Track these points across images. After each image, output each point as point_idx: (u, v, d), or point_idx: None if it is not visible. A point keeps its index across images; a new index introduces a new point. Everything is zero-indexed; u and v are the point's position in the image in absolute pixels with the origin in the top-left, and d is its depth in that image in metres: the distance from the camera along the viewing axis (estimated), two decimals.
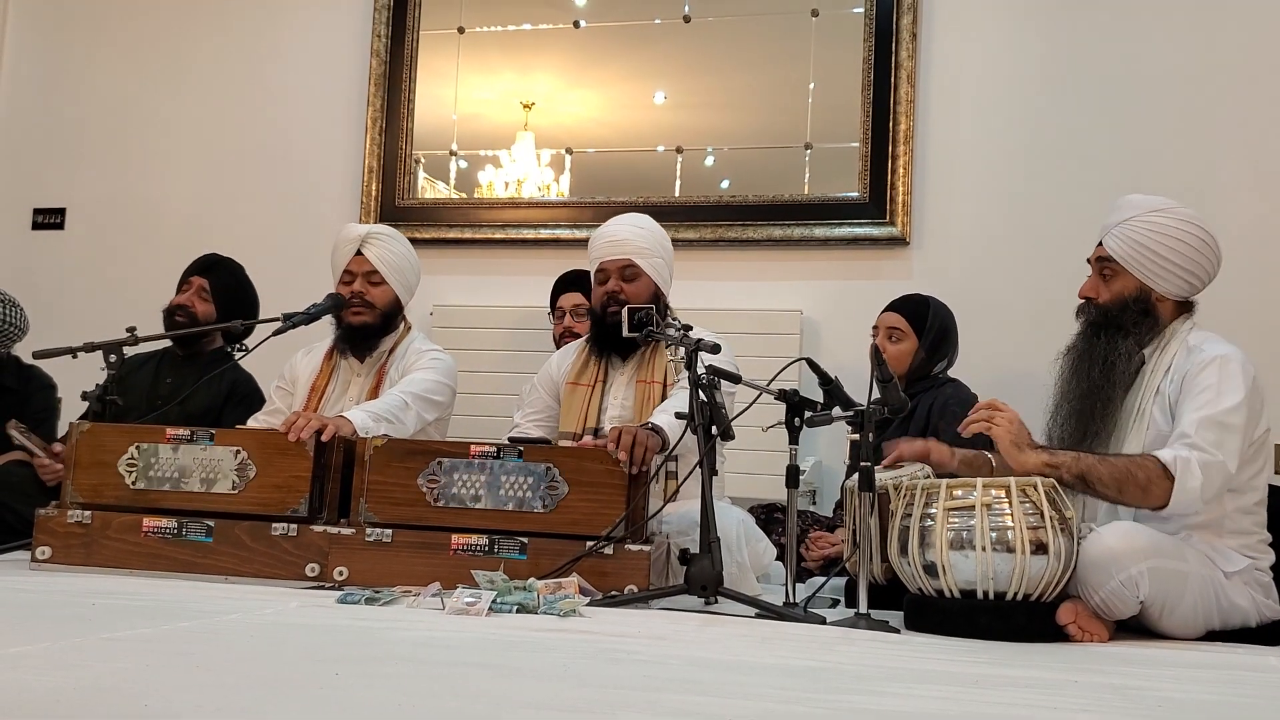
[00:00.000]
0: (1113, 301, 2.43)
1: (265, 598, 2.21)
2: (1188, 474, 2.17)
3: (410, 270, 3.15)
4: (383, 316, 3.09)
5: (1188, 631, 2.21)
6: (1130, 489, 2.21)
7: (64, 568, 2.53)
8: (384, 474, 2.52)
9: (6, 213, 4.61)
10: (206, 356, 3.49)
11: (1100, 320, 2.44)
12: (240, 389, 3.41)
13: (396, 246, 3.13)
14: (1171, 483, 2.18)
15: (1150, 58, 3.70)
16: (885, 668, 1.72)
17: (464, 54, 4.26)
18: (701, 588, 2.24)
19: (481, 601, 2.07)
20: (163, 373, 3.47)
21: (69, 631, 1.68)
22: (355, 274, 3.08)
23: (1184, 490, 2.17)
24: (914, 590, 2.23)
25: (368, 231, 3.12)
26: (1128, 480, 2.20)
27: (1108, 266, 2.45)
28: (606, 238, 3.01)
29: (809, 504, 3.61)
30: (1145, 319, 2.41)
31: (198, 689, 1.31)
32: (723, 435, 2.36)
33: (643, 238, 2.99)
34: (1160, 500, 2.19)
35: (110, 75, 4.59)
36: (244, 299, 3.52)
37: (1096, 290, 2.47)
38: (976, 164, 3.81)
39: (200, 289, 3.46)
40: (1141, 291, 2.41)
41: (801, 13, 3.96)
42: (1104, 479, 2.21)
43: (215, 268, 3.52)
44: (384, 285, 3.08)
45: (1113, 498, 2.25)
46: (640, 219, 3.06)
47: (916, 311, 3.18)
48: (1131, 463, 2.23)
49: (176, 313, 3.42)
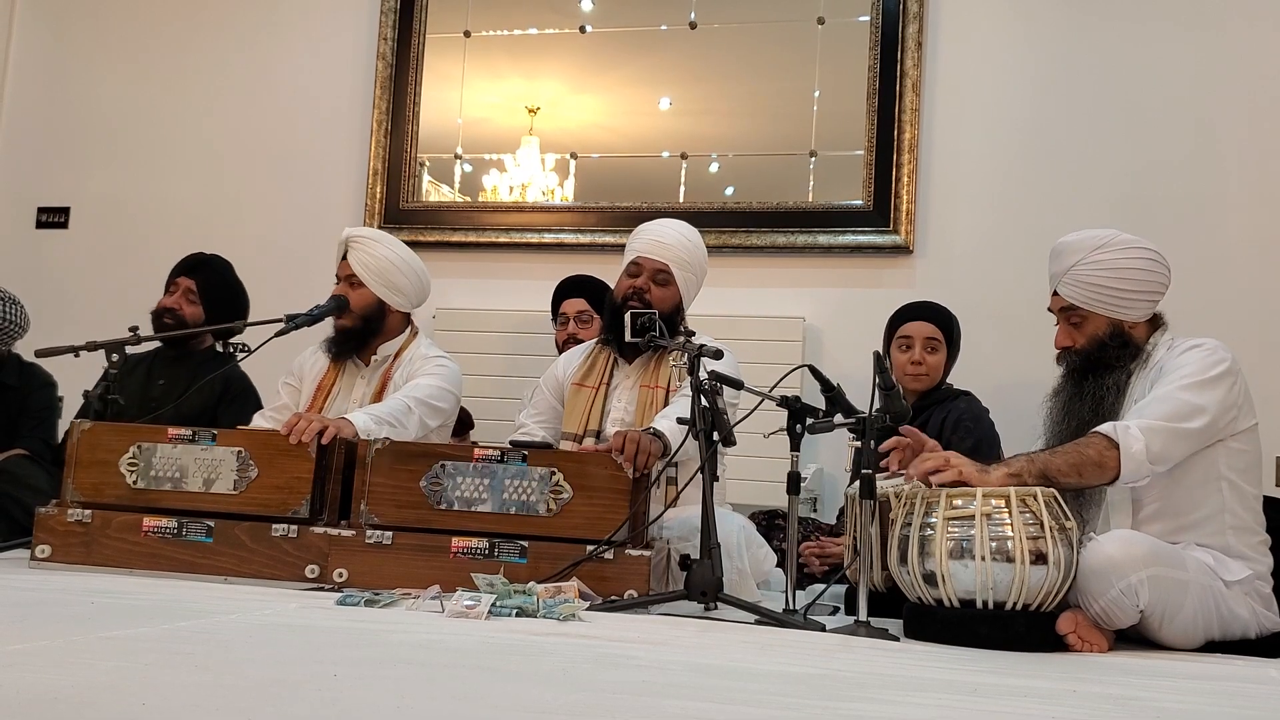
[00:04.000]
0: (1090, 345, 2.46)
1: (265, 598, 2.21)
2: (1129, 439, 2.23)
3: (397, 273, 3.07)
4: (362, 320, 3.06)
5: (1187, 642, 2.21)
6: (1088, 469, 2.24)
7: (63, 566, 2.54)
8: (385, 476, 2.53)
9: (11, 211, 4.62)
10: (198, 356, 3.47)
11: (1084, 365, 2.47)
12: (234, 387, 3.40)
13: (377, 249, 3.08)
14: (1118, 451, 2.22)
15: (1154, 68, 3.70)
16: (884, 676, 1.72)
17: (470, 58, 4.27)
18: (701, 593, 2.24)
19: (481, 605, 2.07)
20: (155, 374, 3.45)
21: (68, 630, 1.68)
22: (340, 278, 3.10)
23: (1129, 455, 2.22)
24: (913, 599, 2.23)
25: (350, 235, 3.11)
26: (1083, 462, 2.24)
27: (1074, 314, 2.48)
28: (653, 236, 3.00)
29: (810, 511, 3.60)
30: (1126, 349, 2.45)
31: (196, 689, 1.31)
32: (724, 441, 2.36)
33: (687, 250, 3.01)
34: (1114, 470, 2.24)
35: (115, 75, 4.61)
36: (231, 298, 3.50)
37: (1071, 338, 2.50)
38: (980, 173, 3.81)
39: (187, 290, 3.44)
40: (1113, 326, 2.45)
41: (807, 21, 3.97)
42: (1062, 469, 2.24)
43: (201, 267, 3.49)
44: (362, 288, 3.06)
45: (1076, 484, 2.27)
46: (689, 230, 3.06)
47: (947, 322, 3.17)
48: (1079, 444, 2.27)
49: (164, 315, 3.41)
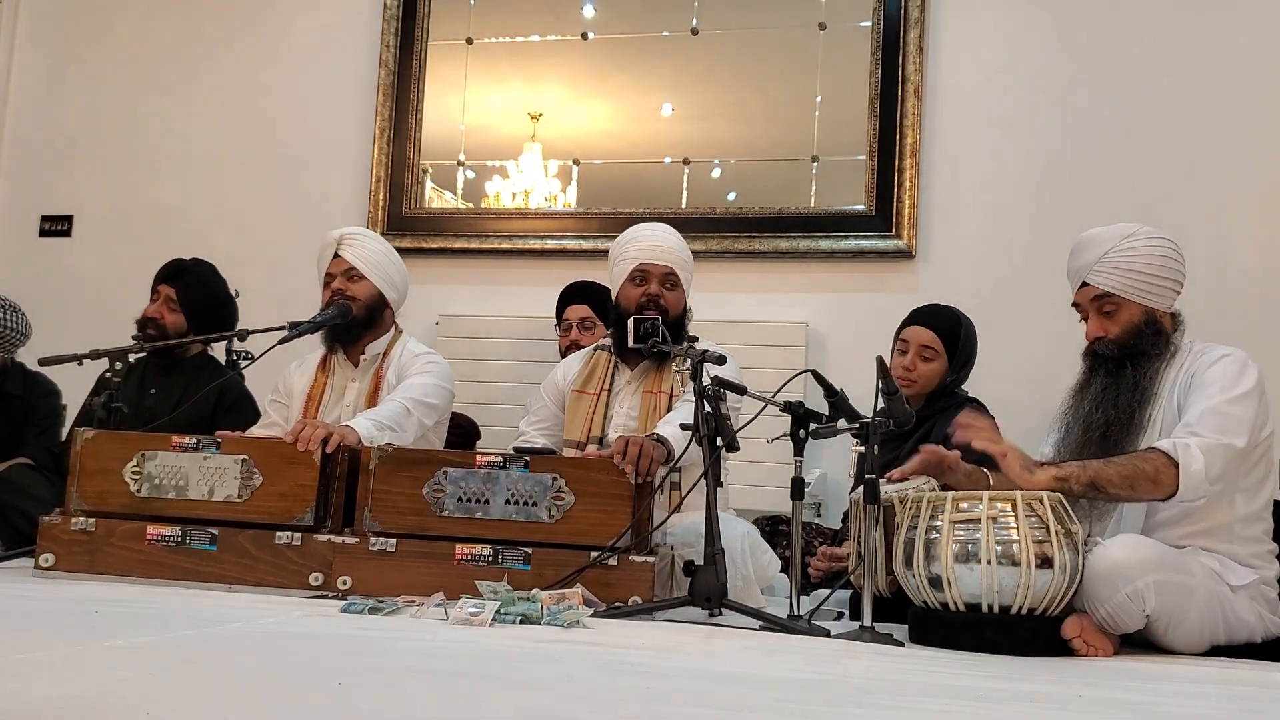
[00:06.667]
0: (1126, 333, 2.44)
1: (269, 606, 2.21)
2: (1189, 457, 2.20)
3: (391, 267, 3.13)
4: (366, 310, 3.08)
5: (1193, 646, 2.20)
6: (1141, 483, 2.22)
7: (67, 575, 2.53)
8: (389, 483, 2.53)
9: (14, 220, 4.63)
10: (188, 365, 3.45)
11: (1120, 354, 2.44)
12: (229, 394, 3.37)
13: (372, 244, 3.15)
14: (1177, 469, 2.20)
15: (1158, 72, 3.70)
16: (889, 681, 1.71)
17: (472, 64, 4.28)
18: (706, 599, 2.24)
19: (485, 612, 2.07)
20: (147, 384, 3.43)
21: (72, 639, 1.68)
22: (335, 274, 3.11)
23: (1188, 473, 2.20)
24: (919, 603, 2.22)
25: (341, 234, 3.13)
26: (1137, 476, 2.22)
27: (1108, 302, 2.45)
28: (652, 241, 3.01)
29: (814, 516, 3.60)
30: (1159, 337, 2.44)
31: (200, 697, 1.31)
32: (728, 447, 2.36)
33: (684, 251, 3.05)
34: (1170, 487, 2.21)
35: (118, 84, 4.62)
36: (211, 303, 3.46)
37: (1104, 329, 2.47)
38: (983, 177, 3.81)
39: (168, 299, 3.41)
40: (1147, 314, 2.44)
41: (809, 26, 3.97)
42: (1114, 480, 2.22)
43: (180, 274, 3.46)
44: (364, 280, 3.08)
45: (1126, 496, 2.26)
46: (675, 231, 3.09)
47: (949, 331, 3.07)
48: (1136, 458, 2.26)
49: (148, 325, 3.38)
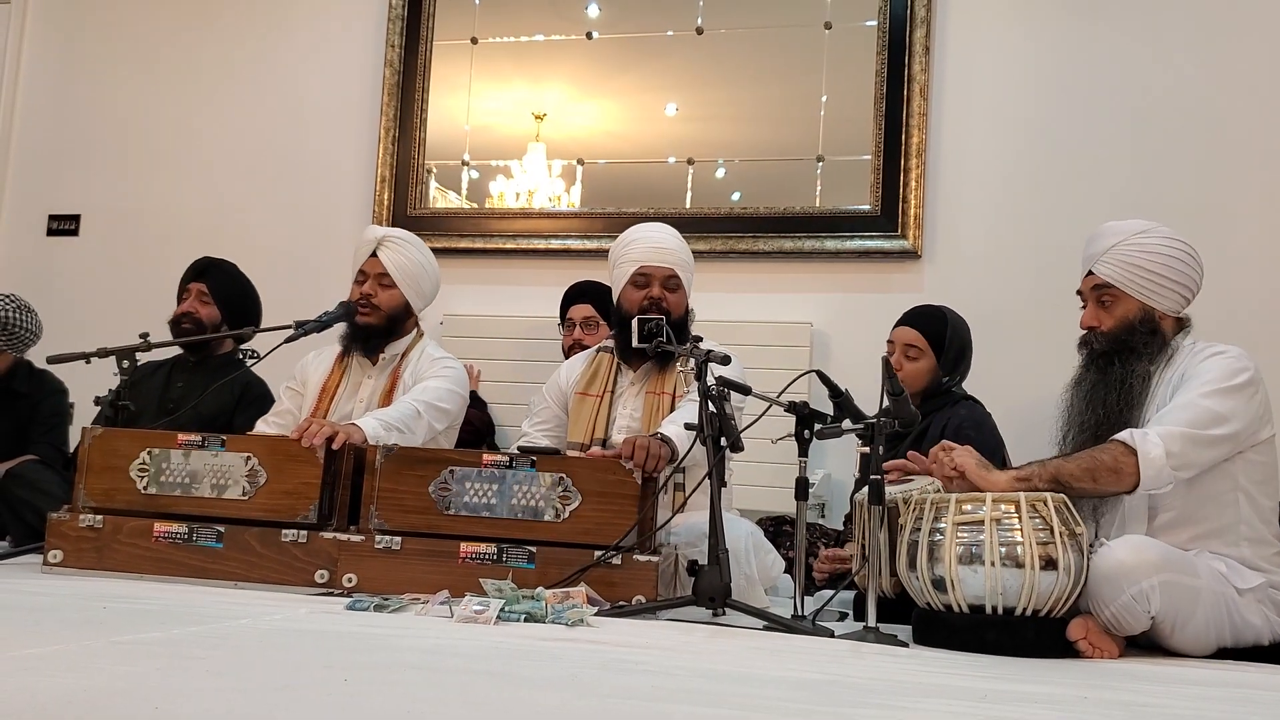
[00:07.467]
0: (1119, 326, 2.44)
1: (274, 603, 2.22)
2: (1148, 444, 2.20)
3: (425, 277, 3.14)
4: (388, 319, 3.09)
5: (1199, 648, 2.20)
6: (1103, 475, 2.22)
7: (75, 571, 2.54)
8: (394, 481, 2.53)
9: (22, 219, 4.64)
10: (216, 361, 3.52)
11: (1109, 347, 2.44)
12: (252, 391, 3.44)
13: (413, 253, 3.12)
14: (1136, 458, 2.20)
15: (1164, 72, 3.70)
16: (893, 681, 1.72)
17: (476, 64, 4.28)
18: (710, 599, 2.24)
19: (489, 610, 2.07)
20: (174, 378, 3.50)
21: (79, 635, 1.69)
22: (368, 275, 3.10)
23: (1148, 460, 2.19)
24: (922, 605, 2.23)
25: (384, 235, 3.13)
26: (1098, 467, 2.22)
27: (1106, 293, 2.45)
28: (652, 243, 2.99)
29: (818, 517, 3.60)
30: (1153, 338, 2.43)
31: (207, 694, 1.32)
32: (732, 447, 2.36)
33: (685, 251, 3.03)
34: (1132, 477, 2.21)
35: (125, 83, 4.63)
36: (243, 296, 3.56)
37: (1098, 319, 2.47)
38: (988, 177, 3.81)
39: (200, 294, 3.49)
40: (1144, 312, 2.43)
41: (814, 25, 3.97)
42: (1075, 474, 2.23)
43: (211, 270, 3.55)
44: (394, 289, 3.08)
45: (1090, 490, 2.25)
46: (674, 231, 3.07)
47: (934, 329, 3.08)
48: (1096, 450, 2.26)
49: (182, 321, 3.46)
